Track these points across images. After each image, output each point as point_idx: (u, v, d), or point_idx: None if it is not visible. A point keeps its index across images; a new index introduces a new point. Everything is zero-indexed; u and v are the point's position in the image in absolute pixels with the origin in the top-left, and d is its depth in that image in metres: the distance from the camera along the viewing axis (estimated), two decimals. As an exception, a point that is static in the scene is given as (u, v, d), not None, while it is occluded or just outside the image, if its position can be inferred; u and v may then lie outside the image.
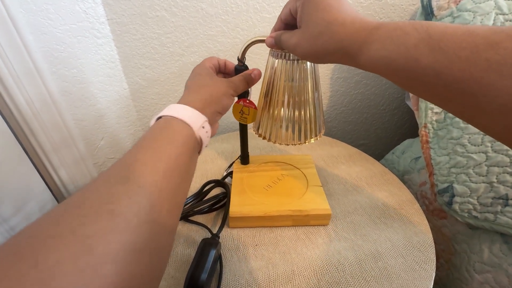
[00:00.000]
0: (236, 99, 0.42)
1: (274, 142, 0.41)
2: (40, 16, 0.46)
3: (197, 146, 0.30)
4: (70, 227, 0.17)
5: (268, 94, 0.39)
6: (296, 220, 0.44)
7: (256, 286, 0.36)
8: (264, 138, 0.42)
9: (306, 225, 0.45)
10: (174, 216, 0.24)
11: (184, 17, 0.60)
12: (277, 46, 0.34)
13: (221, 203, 0.48)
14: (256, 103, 0.42)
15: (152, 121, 0.30)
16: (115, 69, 0.62)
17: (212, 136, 0.34)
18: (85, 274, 0.16)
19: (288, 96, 0.38)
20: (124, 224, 0.19)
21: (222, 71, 0.42)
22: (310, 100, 0.38)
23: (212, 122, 0.33)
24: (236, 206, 0.44)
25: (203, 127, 0.30)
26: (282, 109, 0.39)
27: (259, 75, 0.39)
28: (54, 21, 0.48)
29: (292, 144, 0.40)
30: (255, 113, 0.42)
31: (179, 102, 0.32)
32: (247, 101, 0.41)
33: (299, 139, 0.40)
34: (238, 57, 0.39)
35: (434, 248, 0.41)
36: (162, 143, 0.26)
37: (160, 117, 0.30)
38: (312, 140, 0.41)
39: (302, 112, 0.39)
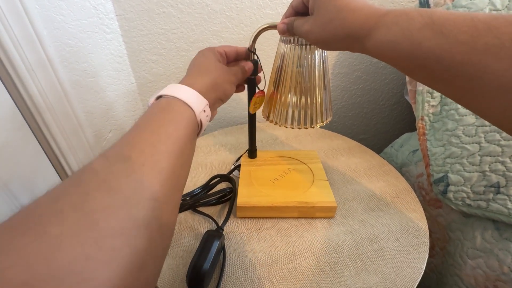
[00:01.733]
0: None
1: (280, 125, 0.42)
2: (53, 12, 0.48)
3: (197, 129, 0.30)
4: (70, 203, 0.17)
5: (278, 80, 0.40)
6: (302, 211, 0.45)
7: (259, 265, 0.38)
8: (271, 121, 0.43)
9: (312, 218, 0.46)
10: (175, 196, 0.24)
11: (190, 14, 0.62)
12: (289, 33, 0.34)
13: (227, 197, 0.49)
14: (266, 90, 0.44)
15: (152, 99, 0.29)
16: (123, 64, 0.64)
17: (210, 120, 0.33)
18: (88, 246, 0.16)
19: (297, 81, 0.39)
20: (123, 200, 0.19)
21: (233, 59, 0.41)
22: (319, 85, 0.39)
23: (212, 107, 0.33)
24: (244, 197, 0.46)
25: (204, 111, 0.30)
26: (289, 95, 0.40)
27: (250, 69, 0.40)
28: (66, 16, 0.50)
29: (298, 128, 0.41)
30: (263, 99, 0.44)
31: (181, 83, 0.31)
32: (257, 92, 0.43)
33: (305, 123, 0.41)
34: (248, 48, 0.40)
35: (428, 233, 0.43)
36: (163, 124, 0.25)
37: (160, 96, 0.29)
38: (318, 125, 0.41)
39: (309, 98, 0.40)
